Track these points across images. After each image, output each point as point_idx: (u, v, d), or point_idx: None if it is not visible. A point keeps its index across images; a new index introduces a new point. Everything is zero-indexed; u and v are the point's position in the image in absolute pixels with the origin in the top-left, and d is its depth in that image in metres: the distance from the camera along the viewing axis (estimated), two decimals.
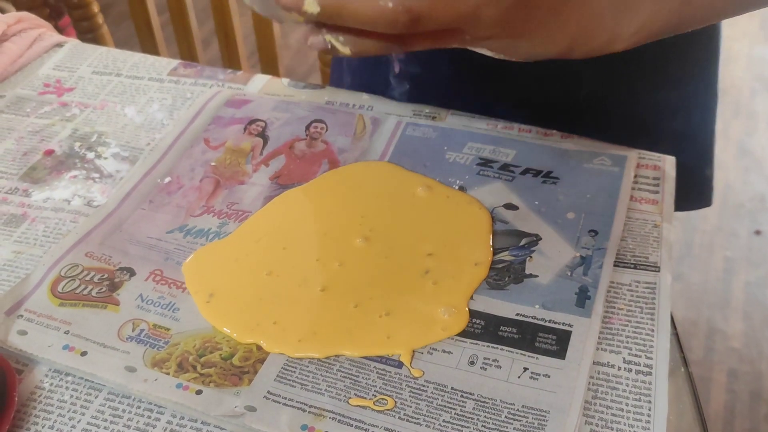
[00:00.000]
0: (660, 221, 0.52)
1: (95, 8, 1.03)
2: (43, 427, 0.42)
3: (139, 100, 0.66)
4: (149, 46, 1.16)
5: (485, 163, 0.57)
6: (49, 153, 0.61)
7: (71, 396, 0.43)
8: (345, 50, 0.39)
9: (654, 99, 0.63)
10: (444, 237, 0.51)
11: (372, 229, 0.52)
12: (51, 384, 0.44)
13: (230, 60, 1.17)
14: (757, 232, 1.59)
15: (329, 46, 0.40)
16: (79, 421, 0.42)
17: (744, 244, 1.57)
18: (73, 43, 0.74)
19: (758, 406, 1.28)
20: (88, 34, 1.04)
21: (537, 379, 0.42)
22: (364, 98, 0.64)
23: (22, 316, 0.47)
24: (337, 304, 0.48)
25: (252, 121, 0.62)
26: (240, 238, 0.53)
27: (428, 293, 0.48)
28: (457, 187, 0.55)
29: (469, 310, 0.46)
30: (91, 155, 0.60)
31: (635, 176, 0.55)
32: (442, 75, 0.65)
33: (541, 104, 0.61)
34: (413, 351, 0.44)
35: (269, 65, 1.13)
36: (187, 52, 1.18)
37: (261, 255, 0.51)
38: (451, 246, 0.51)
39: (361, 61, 0.71)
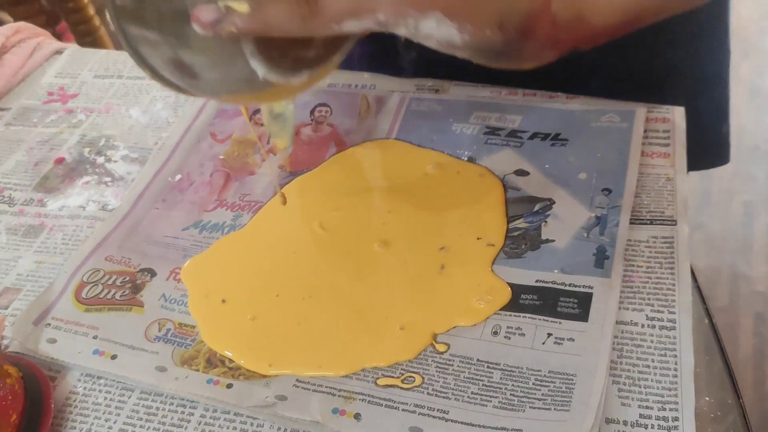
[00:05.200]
0: (673, 174, 0.52)
1: (91, 11, 1.03)
2: (81, 430, 0.43)
3: (142, 100, 0.66)
4: None
5: (492, 131, 0.56)
6: (60, 161, 0.61)
7: (105, 398, 0.44)
8: (242, 7, 0.31)
9: (658, 61, 0.62)
10: (457, 221, 0.50)
11: (390, 229, 0.50)
12: (84, 388, 0.45)
13: None
14: None
15: (221, 13, 0.31)
16: (115, 422, 0.43)
17: (762, 186, 1.55)
18: (72, 48, 0.74)
19: None
20: (87, 37, 1.04)
21: (561, 343, 0.43)
22: (366, 77, 0.64)
23: (49, 324, 0.48)
24: (346, 328, 0.45)
25: (256, 111, 0.62)
26: (242, 245, 0.51)
27: (447, 292, 0.46)
28: (466, 159, 0.55)
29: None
30: (101, 160, 0.61)
31: (645, 130, 0.55)
32: None
33: (544, 71, 0.60)
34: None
35: None
36: None
37: (259, 277, 0.49)
38: (465, 231, 0.49)
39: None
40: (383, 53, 0.68)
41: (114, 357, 0.46)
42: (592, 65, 0.61)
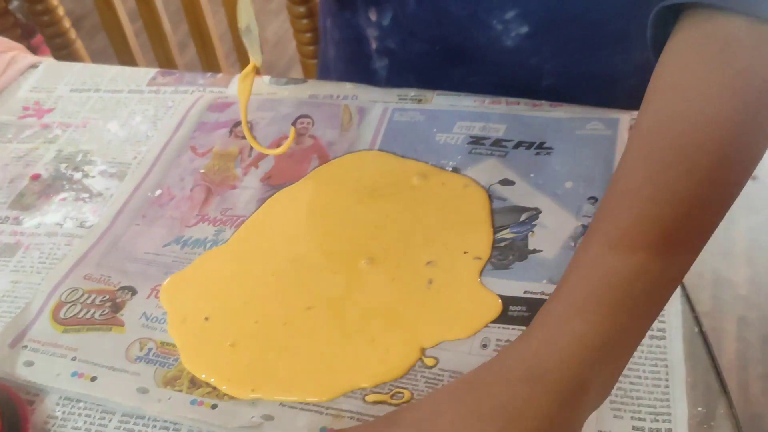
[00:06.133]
0: None
1: (67, 24, 1.01)
2: None
3: (120, 113, 0.65)
4: (125, 56, 1.14)
5: (476, 141, 0.56)
6: (36, 177, 0.60)
7: (85, 422, 0.43)
8: None
9: (619, 74, 0.62)
10: (444, 234, 0.49)
11: (377, 244, 0.49)
12: (63, 412, 0.44)
13: (208, 61, 1.15)
14: (753, 178, 1.58)
15: None
16: None
17: (741, 191, 1.56)
18: (48, 62, 0.73)
19: None
20: (63, 50, 1.02)
21: None
22: (348, 88, 0.63)
23: (26, 346, 0.47)
24: (329, 355, 0.44)
25: (237, 124, 0.61)
26: (223, 263, 0.50)
27: (436, 307, 0.46)
28: (450, 169, 0.54)
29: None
30: (78, 175, 0.60)
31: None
32: (416, 52, 0.64)
33: (508, 86, 0.60)
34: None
35: (248, 62, 1.11)
36: (164, 58, 1.16)
37: (238, 299, 0.48)
38: (452, 243, 0.49)
39: (344, 35, 0.70)
40: (357, 57, 0.67)
41: (94, 379, 0.44)
42: (550, 90, 0.61)
